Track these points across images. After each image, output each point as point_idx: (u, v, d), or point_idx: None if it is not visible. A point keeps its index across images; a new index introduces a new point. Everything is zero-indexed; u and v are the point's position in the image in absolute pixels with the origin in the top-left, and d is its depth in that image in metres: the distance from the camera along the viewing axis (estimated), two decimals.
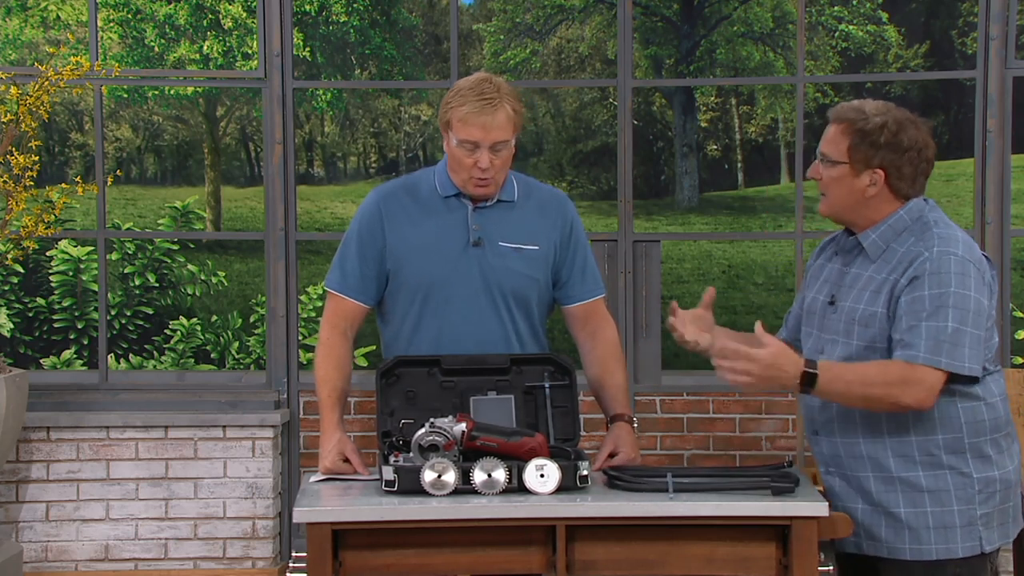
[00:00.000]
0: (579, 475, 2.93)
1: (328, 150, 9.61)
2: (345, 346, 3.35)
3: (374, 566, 2.86)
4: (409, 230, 3.31)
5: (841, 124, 2.98)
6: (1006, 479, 2.96)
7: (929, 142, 2.99)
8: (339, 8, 8.69)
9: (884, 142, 2.94)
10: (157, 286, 8.48)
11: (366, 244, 3.34)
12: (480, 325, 3.30)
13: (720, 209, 9.53)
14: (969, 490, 2.92)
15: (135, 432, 5.40)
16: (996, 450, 2.96)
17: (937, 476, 2.92)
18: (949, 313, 2.85)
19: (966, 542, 2.91)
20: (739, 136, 9.56)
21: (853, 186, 2.97)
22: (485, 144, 3.19)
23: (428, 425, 2.95)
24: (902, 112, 2.98)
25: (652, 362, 5.57)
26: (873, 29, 8.95)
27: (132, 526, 5.41)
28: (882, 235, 2.98)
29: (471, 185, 3.26)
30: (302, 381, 5.68)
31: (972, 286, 2.88)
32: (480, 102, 3.18)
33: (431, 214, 3.32)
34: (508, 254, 3.30)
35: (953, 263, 2.89)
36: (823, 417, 3.03)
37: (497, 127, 3.19)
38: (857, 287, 2.99)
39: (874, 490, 2.95)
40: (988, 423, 2.95)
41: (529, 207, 3.36)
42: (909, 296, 2.88)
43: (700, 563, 2.85)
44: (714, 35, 8.92)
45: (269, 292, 5.58)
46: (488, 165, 3.21)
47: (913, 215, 2.99)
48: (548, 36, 9.17)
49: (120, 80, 6.56)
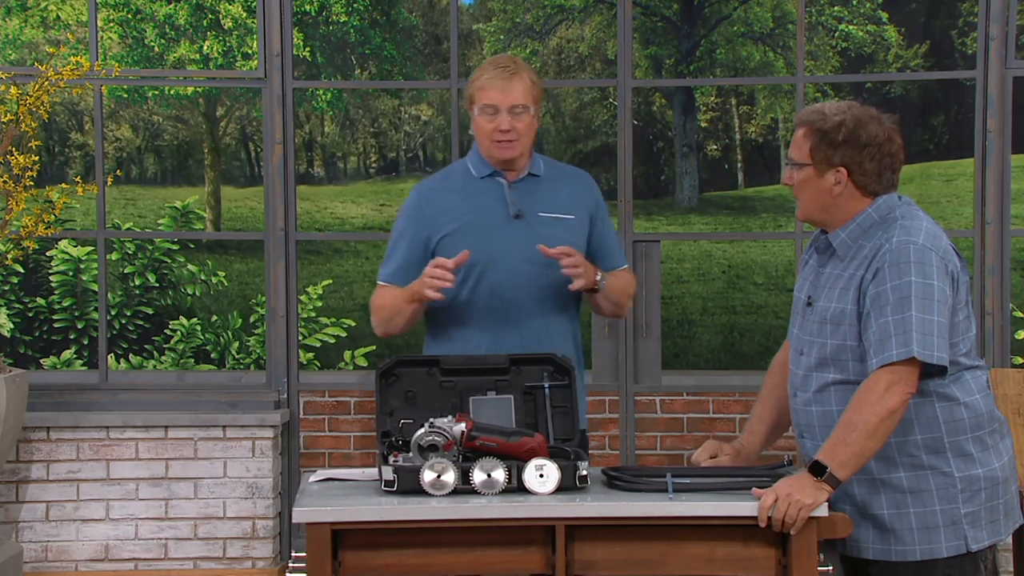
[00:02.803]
0: (578, 475, 2.93)
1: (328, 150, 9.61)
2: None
3: (373, 566, 2.86)
4: (451, 214, 3.45)
5: (803, 127, 3.03)
6: (992, 476, 2.96)
7: (893, 137, 3.01)
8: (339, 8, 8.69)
9: (842, 140, 2.97)
10: (157, 286, 8.48)
11: (404, 240, 3.49)
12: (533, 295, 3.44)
13: (720, 209, 9.53)
14: (951, 489, 2.93)
15: (135, 432, 5.40)
16: (979, 448, 2.96)
17: (918, 476, 2.94)
18: (912, 303, 2.86)
19: (950, 541, 2.93)
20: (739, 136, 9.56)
21: (820, 187, 3.01)
22: (504, 107, 3.40)
23: (427, 425, 2.95)
24: (863, 110, 3.02)
25: (652, 362, 5.57)
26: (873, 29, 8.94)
27: (132, 526, 5.41)
28: (851, 234, 3.01)
29: (495, 148, 3.44)
30: (302, 381, 5.67)
31: (934, 275, 2.89)
32: (498, 70, 3.43)
33: (469, 195, 3.47)
34: (549, 223, 3.47)
35: (912, 252, 2.90)
36: (805, 420, 3.06)
37: (514, 91, 3.41)
38: (829, 286, 3.02)
39: (857, 493, 2.97)
40: (968, 422, 2.95)
41: (558, 181, 3.55)
42: (874, 291, 2.91)
43: (700, 563, 2.85)
44: (714, 35, 8.92)
45: (269, 292, 5.58)
46: (509, 127, 3.40)
47: (882, 212, 3.00)
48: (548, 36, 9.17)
49: (120, 80, 6.55)
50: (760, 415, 3.26)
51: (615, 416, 5.60)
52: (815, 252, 3.12)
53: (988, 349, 5.23)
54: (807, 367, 3.04)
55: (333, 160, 9.69)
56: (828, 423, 2.98)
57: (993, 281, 5.25)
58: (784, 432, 3.26)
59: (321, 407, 5.77)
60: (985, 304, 5.24)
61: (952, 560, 2.94)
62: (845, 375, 2.97)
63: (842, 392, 2.98)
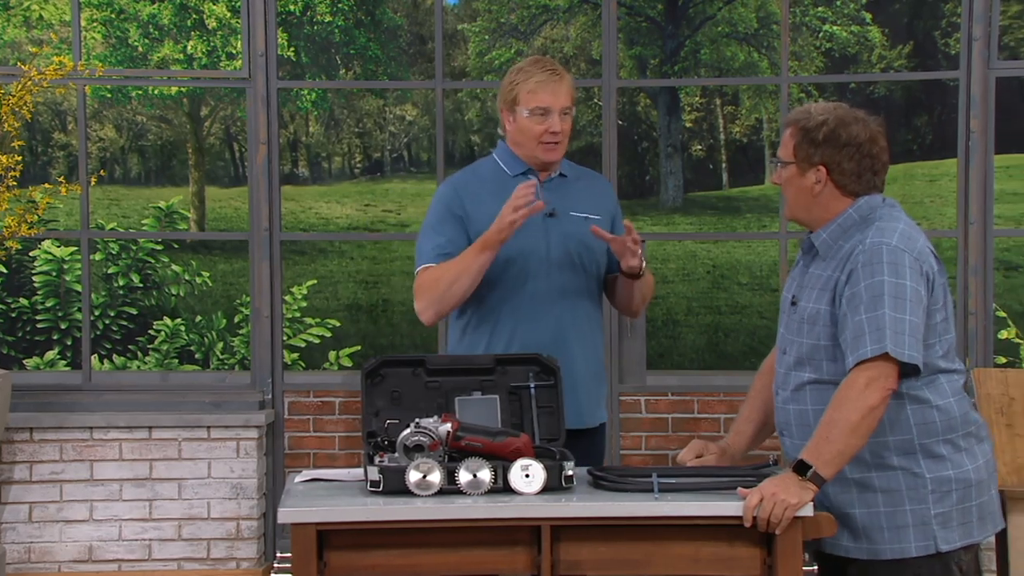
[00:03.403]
0: (564, 475, 2.93)
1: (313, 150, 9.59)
2: None
3: (359, 567, 2.85)
4: (489, 208, 3.45)
5: (790, 127, 3.09)
6: (964, 478, 2.98)
7: (876, 139, 3.05)
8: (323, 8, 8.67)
9: (823, 138, 3.02)
10: (141, 286, 8.45)
11: (448, 222, 3.49)
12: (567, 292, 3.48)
13: (705, 209, 9.54)
14: (922, 490, 2.95)
15: (119, 433, 5.39)
16: (951, 450, 2.98)
17: (889, 477, 2.96)
18: (885, 302, 2.89)
19: (919, 541, 2.95)
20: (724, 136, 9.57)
21: (802, 185, 3.06)
22: (555, 108, 3.47)
23: (413, 425, 2.95)
24: (848, 111, 3.06)
25: (637, 362, 5.58)
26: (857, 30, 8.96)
27: (116, 527, 5.39)
28: (831, 234, 3.05)
29: (542, 150, 3.49)
30: (287, 382, 5.66)
31: (907, 275, 2.92)
32: (546, 72, 3.49)
33: (503, 193, 3.46)
34: (580, 222, 3.52)
35: (885, 252, 2.93)
36: (784, 418, 3.10)
37: (564, 93, 3.49)
38: (810, 286, 3.06)
39: (831, 492, 2.98)
40: (939, 425, 2.97)
41: (582, 182, 3.62)
42: (848, 291, 2.94)
43: (685, 563, 2.85)
44: (698, 35, 8.93)
45: (254, 292, 5.57)
46: (559, 128, 3.47)
47: (863, 212, 3.04)
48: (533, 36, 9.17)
49: (103, 80, 6.54)
50: (747, 415, 3.28)
51: None
52: (802, 253, 3.15)
53: (971, 349, 5.25)
54: (787, 366, 3.08)
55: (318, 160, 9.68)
56: (803, 422, 3.02)
57: (976, 281, 5.27)
58: (771, 434, 3.28)
59: (306, 407, 5.76)
60: (968, 304, 5.26)
61: (922, 560, 2.96)
62: (819, 374, 3.01)
63: (817, 391, 3.01)
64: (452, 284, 3.41)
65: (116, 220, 9.07)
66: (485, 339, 3.47)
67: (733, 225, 9.09)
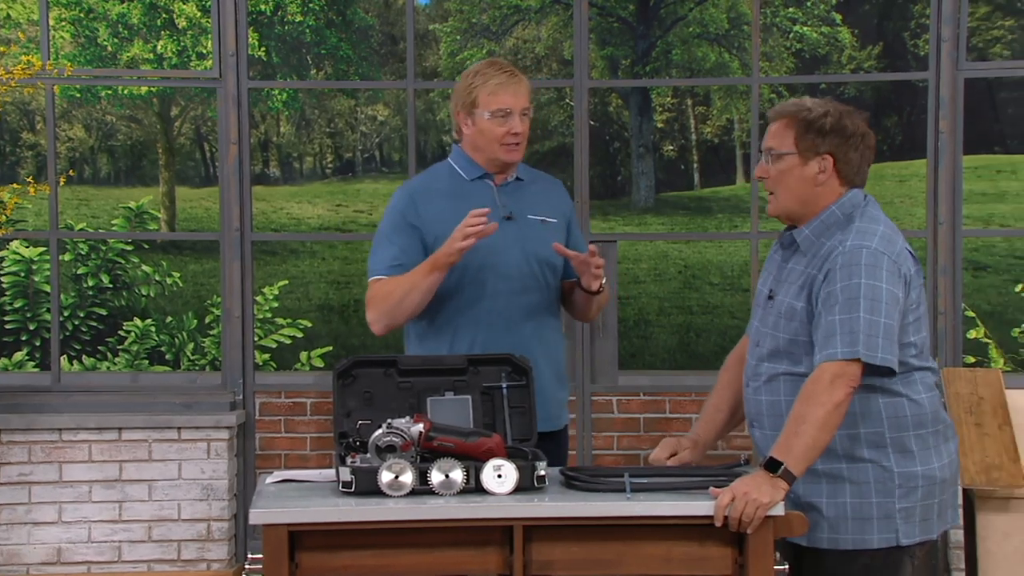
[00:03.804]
0: (536, 475, 2.93)
1: (284, 150, 9.56)
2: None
3: (331, 567, 2.84)
4: (446, 213, 3.43)
5: (784, 119, 3.08)
6: (930, 475, 3.01)
7: (868, 131, 3.11)
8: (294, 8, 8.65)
9: (830, 128, 3.04)
10: (111, 287, 8.41)
11: (403, 231, 3.46)
12: (526, 296, 3.46)
13: (676, 209, 9.57)
14: (889, 484, 2.98)
15: (88, 434, 5.35)
16: (921, 446, 3.01)
17: (859, 468, 2.99)
18: (860, 304, 2.91)
19: (882, 534, 2.98)
20: (695, 137, 9.60)
21: (803, 175, 3.05)
22: (516, 110, 3.45)
23: (385, 426, 2.94)
24: (841, 105, 3.11)
25: (609, 362, 5.59)
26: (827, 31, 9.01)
27: (85, 529, 5.36)
28: (814, 230, 3.06)
29: (503, 152, 3.47)
30: (258, 382, 5.64)
31: (884, 278, 2.94)
32: (504, 74, 3.47)
33: (460, 197, 3.46)
34: (537, 225, 3.50)
35: (864, 255, 2.95)
36: (755, 409, 3.12)
37: (523, 94, 3.48)
38: (788, 281, 3.07)
39: (800, 482, 2.99)
40: (911, 419, 3.00)
41: (538, 185, 3.60)
42: (824, 291, 2.96)
43: (657, 563, 2.86)
44: (670, 36, 8.96)
45: (224, 293, 5.54)
46: (520, 129, 3.45)
47: (845, 210, 3.06)
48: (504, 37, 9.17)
49: (72, 80, 6.49)
50: (716, 404, 3.28)
51: (572, 416, 5.60)
52: (780, 248, 3.16)
53: (940, 348, 5.28)
54: (759, 357, 3.10)
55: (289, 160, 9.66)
56: (776, 412, 3.04)
57: (945, 281, 5.30)
58: (739, 423, 3.28)
59: (277, 408, 5.74)
60: (937, 304, 5.29)
61: (878, 552, 2.99)
62: (797, 367, 3.02)
63: (792, 383, 3.03)
64: (402, 300, 3.40)
65: (86, 220, 9.02)
66: (446, 345, 3.45)
67: (704, 225, 9.13)
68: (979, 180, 9.05)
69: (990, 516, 4.22)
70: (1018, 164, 9.29)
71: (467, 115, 3.49)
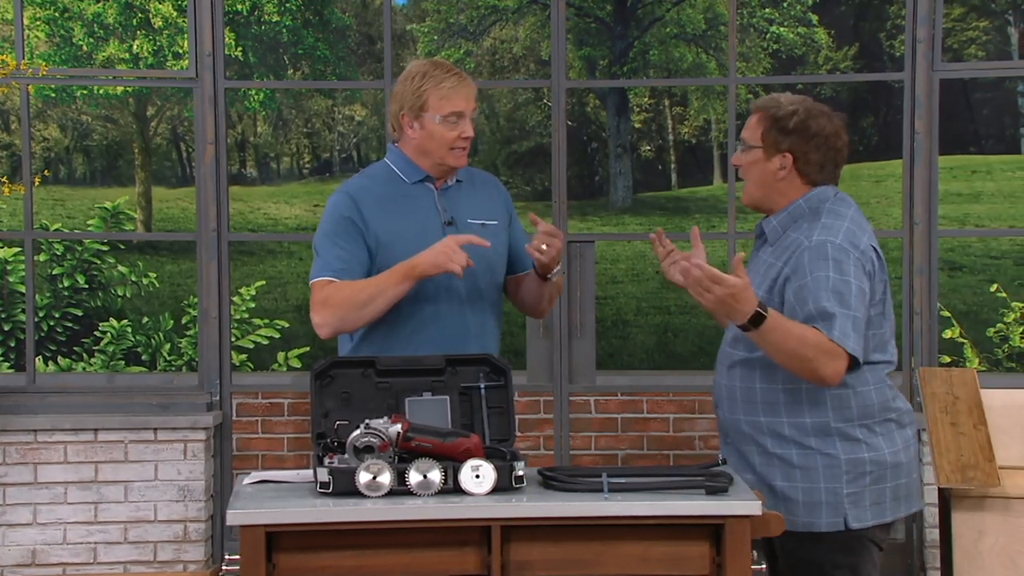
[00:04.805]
0: (514, 475, 2.93)
1: (261, 150, 9.54)
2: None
3: (308, 568, 2.84)
4: (388, 217, 3.39)
5: (758, 113, 3.22)
6: (879, 460, 3.11)
7: (840, 133, 3.21)
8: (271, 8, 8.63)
9: (793, 127, 3.15)
10: (86, 287, 8.37)
11: (349, 232, 3.38)
12: (469, 303, 3.43)
13: (654, 210, 9.58)
14: (836, 470, 3.09)
15: (64, 435, 5.33)
16: (867, 434, 3.11)
17: (807, 455, 3.10)
18: (830, 296, 3.01)
19: (830, 518, 3.08)
20: (672, 137, 9.62)
21: (765, 169, 3.18)
22: (468, 113, 3.40)
23: (363, 426, 2.93)
24: (815, 104, 3.21)
25: (586, 362, 5.59)
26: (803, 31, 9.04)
27: (60, 530, 5.34)
28: (781, 222, 3.18)
29: (453, 157, 3.42)
30: (235, 383, 5.63)
31: (851, 272, 3.04)
32: (454, 76, 3.40)
33: (402, 201, 3.42)
34: (477, 230, 3.43)
35: (830, 249, 3.05)
36: (717, 393, 3.25)
37: (472, 96, 3.43)
38: (755, 271, 3.19)
39: (757, 463, 3.15)
40: (856, 409, 3.11)
41: (476, 186, 3.54)
42: (796, 284, 3.06)
43: (635, 562, 2.86)
44: (647, 36, 8.97)
45: (201, 293, 5.53)
46: (472, 133, 3.40)
47: (812, 204, 3.17)
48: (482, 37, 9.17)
49: (47, 80, 6.46)
50: None
51: (550, 416, 5.61)
52: (755, 238, 3.29)
53: (916, 348, 5.30)
54: (726, 342, 3.25)
55: (266, 160, 9.63)
56: (732, 397, 3.19)
57: (921, 281, 5.33)
58: None
59: (254, 409, 5.72)
60: (913, 304, 5.32)
61: (835, 535, 3.09)
62: (753, 353, 3.13)
63: (745, 369, 3.16)
64: (365, 305, 3.31)
65: (61, 220, 8.97)
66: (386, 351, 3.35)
67: (682, 225, 9.13)
68: (955, 180, 9.10)
69: (965, 515, 4.24)
70: (993, 164, 9.34)
71: (414, 118, 3.41)
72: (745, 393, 3.16)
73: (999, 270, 8.89)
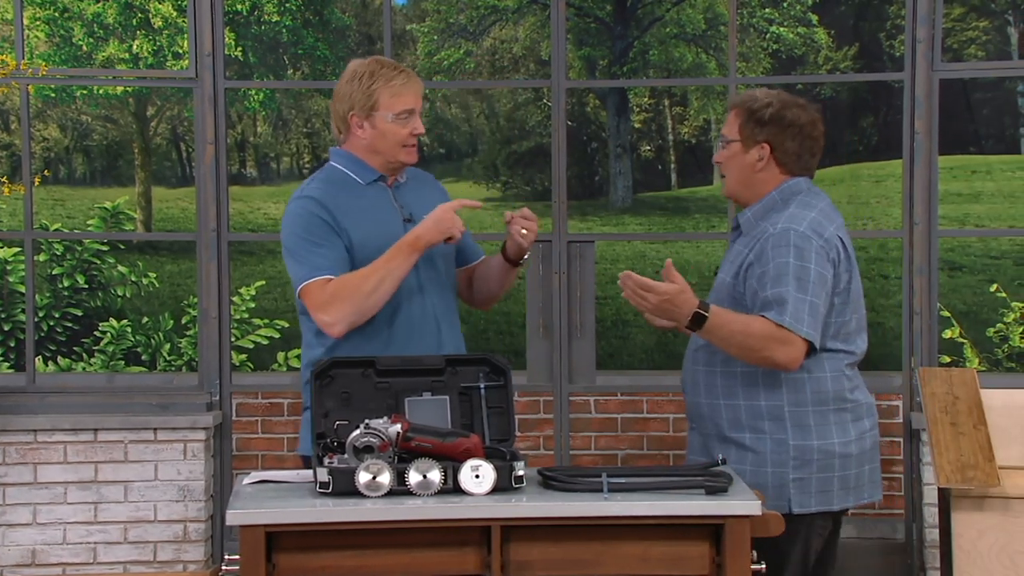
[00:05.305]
0: (514, 475, 2.93)
1: (261, 150, 9.54)
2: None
3: (308, 568, 2.84)
4: (354, 220, 3.39)
5: (735, 109, 3.34)
6: (828, 450, 3.20)
7: (816, 123, 3.31)
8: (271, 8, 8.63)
9: (769, 118, 3.27)
10: (86, 287, 8.37)
11: (325, 233, 3.36)
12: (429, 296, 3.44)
13: (654, 210, 9.58)
14: (784, 455, 3.19)
15: (63, 435, 5.33)
16: (819, 422, 3.20)
17: (759, 439, 3.21)
18: (788, 281, 3.11)
19: (774, 501, 3.16)
20: (672, 137, 9.62)
21: (744, 161, 3.29)
22: (418, 109, 3.42)
23: (363, 426, 2.94)
24: (790, 97, 3.33)
25: (586, 362, 5.59)
26: (803, 31, 9.04)
27: (60, 530, 5.34)
28: (755, 213, 3.30)
29: (405, 154, 3.43)
30: (235, 383, 5.63)
31: (812, 259, 3.14)
32: (402, 73, 3.42)
33: (362, 202, 3.42)
34: None
35: (793, 237, 3.16)
36: (684, 375, 3.37)
37: (421, 93, 3.45)
38: (728, 260, 3.31)
39: (714, 447, 3.26)
40: (810, 396, 3.20)
41: (418, 182, 3.57)
42: (758, 271, 3.17)
43: (635, 562, 2.86)
44: (647, 36, 8.97)
45: (201, 293, 5.53)
46: (422, 129, 3.42)
47: (785, 195, 3.27)
48: (482, 37, 9.17)
49: (47, 80, 6.46)
50: None
51: (550, 416, 5.61)
52: (732, 230, 3.39)
53: (916, 348, 5.30)
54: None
55: (266, 160, 9.63)
56: (695, 381, 3.31)
57: (921, 281, 5.33)
58: None
59: (254, 409, 5.73)
60: (913, 304, 5.32)
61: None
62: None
63: (708, 354, 3.28)
64: (375, 291, 3.29)
65: (61, 220, 8.97)
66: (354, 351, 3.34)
67: (682, 225, 9.13)
68: (954, 180, 9.09)
69: (965, 515, 4.24)
70: (993, 165, 9.33)
71: (364, 118, 3.40)
72: (707, 377, 3.28)
73: (999, 270, 8.89)
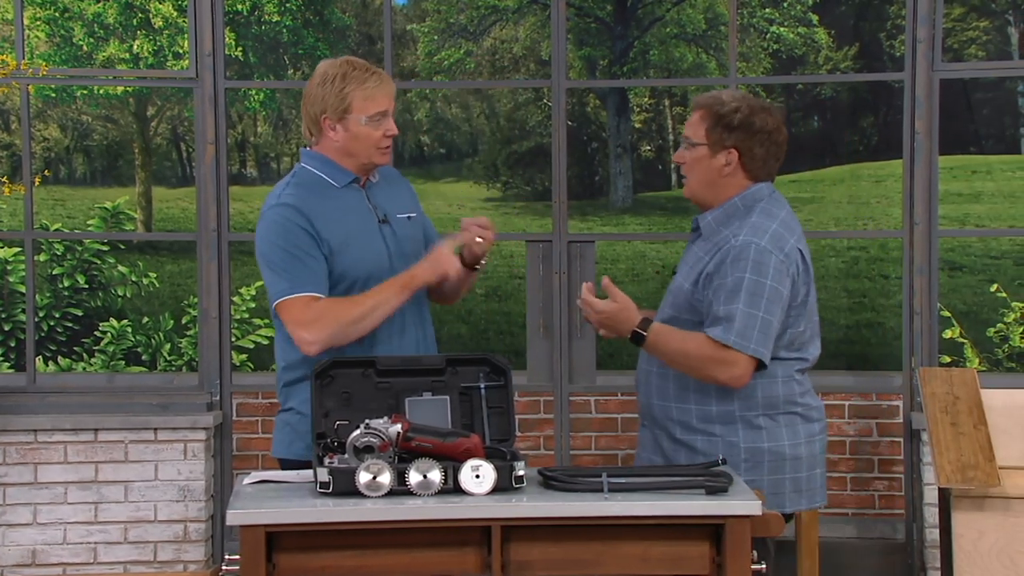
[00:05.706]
0: (514, 475, 2.93)
1: (261, 150, 9.54)
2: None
3: (308, 568, 2.84)
4: (333, 224, 3.37)
5: (700, 110, 3.30)
6: (778, 451, 3.23)
7: (780, 128, 3.30)
8: (271, 8, 8.64)
9: (738, 124, 3.24)
10: (87, 287, 8.37)
11: (307, 245, 3.34)
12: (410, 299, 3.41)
13: (654, 209, 9.58)
14: (735, 457, 3.20)
15: (64, 435, 5.33)
16: (770, 423, 3.23)
17: (711, 442, 3.23)
18: (741, 297, 3.12)
19: None
20: (672, 137, 9.62)
21: (711, 166, 3.27)
22: (391, 111, 3.40)
23: (363, 426, 2.94)
24: (756, 100, 3.32)
25: (586, 362, 5.59)
26: (804, 31, 9.04)
27: (60, 530, 5.34)
28: (716, 218, 3.28)
29: (379, 155, 3.41)
30: (235, 383, 5.63)
31: (769, 275, 3.15)
32: (375, 75, 3.39)
33: (339, 205, 3.40)
34: (405, 224, 3.48)
35: (753, 251, 3.16)
36: (638, 374, 3.39)
37: (393, 93, 3.43)
38: (686, 263, 3.32)
39: (665, 447, 3.29)
40: (761, 400, 3.23)
41: (390, 182, 3.55)
42: (717, 282, 3.18)
43: (635, 562, 2.86)
44: (647, 36, 8.98)
45: (201, 293, 5.53)
46: (396, 130, 3.41)
47: (747, 202, 3.27)
48: (482, 37, 9.18)
49: (48, 80, 6.46)
50: None
51: (550, 416, 5.61)
52: (692, 231, 3.38)
53: (916, 348, 5.30)
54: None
55: (266, 160, 9.63)
56: (648, 382, 3.34)
57: (921, 281, 5.33)
58: None
59: (254, 409, 5.73)
60: (913, 304, 5.31)
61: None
62: None
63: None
64: (361, 320, 3.29)
65: (61, 220, 8.98)
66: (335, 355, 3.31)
67: (682, 225, 9.13)
68: (955, 180, 9.10)
69: (965, 515, 4.24)
70: (993, 165, 9.34)
71: (337, 120, 3.36)
72: (660, 378, 3.30)
73: (999, 270, 8.89)
